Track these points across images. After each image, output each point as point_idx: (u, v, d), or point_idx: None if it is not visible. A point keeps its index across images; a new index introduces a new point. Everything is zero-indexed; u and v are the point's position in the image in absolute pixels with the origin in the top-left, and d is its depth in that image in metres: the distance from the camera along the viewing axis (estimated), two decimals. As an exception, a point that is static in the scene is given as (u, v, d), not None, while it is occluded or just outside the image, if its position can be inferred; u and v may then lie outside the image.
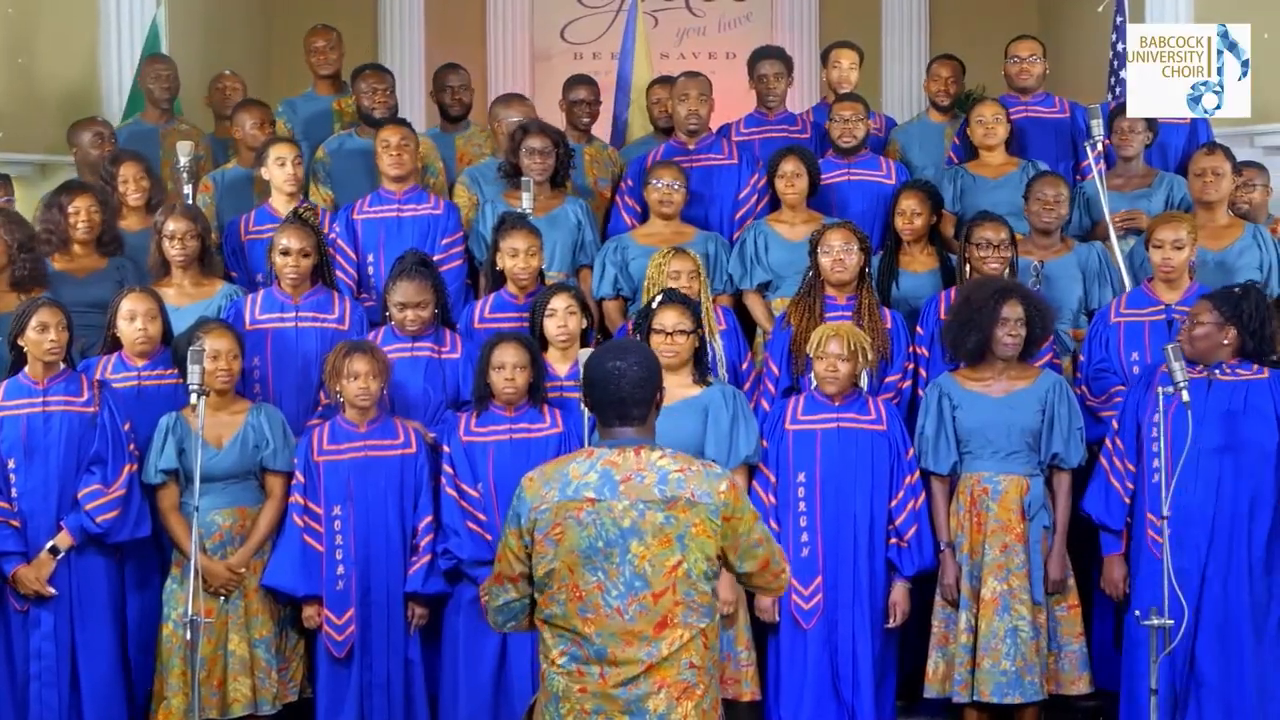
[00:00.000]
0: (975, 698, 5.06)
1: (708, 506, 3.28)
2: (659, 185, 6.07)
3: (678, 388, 5.11)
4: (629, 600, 3.26)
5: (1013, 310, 5.16)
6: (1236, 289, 5.12)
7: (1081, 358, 5.62)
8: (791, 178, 6.09)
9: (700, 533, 3.28)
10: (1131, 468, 5.09)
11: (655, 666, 3.25)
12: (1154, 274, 5.56)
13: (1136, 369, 5.39)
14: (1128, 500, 5.09)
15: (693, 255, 5.65)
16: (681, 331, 5.09)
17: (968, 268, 5.67)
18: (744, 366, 5.71)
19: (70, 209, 5.84)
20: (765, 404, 5.43)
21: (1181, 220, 5.58)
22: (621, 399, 3.36)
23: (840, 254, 5.51)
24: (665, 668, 3.26)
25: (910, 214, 5.98)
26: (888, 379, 5.54)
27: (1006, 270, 5.60)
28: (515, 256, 5.61)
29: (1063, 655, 5.15)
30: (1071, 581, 5.19)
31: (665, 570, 3.26)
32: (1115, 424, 5.16)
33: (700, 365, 5.19)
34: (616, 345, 3.69)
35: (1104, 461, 5.15)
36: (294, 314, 5.56)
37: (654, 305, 5.18)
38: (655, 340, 5.09)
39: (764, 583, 3.47)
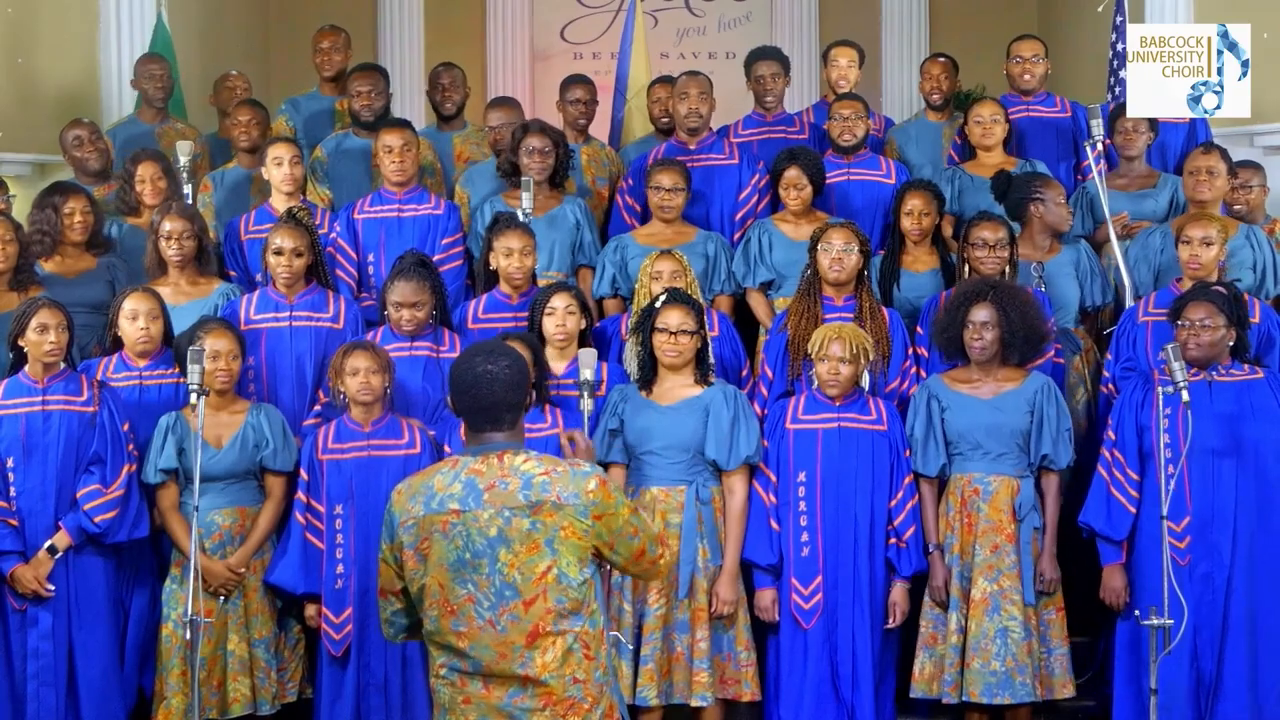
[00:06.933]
0: (965, 698, 5.04)
1: (575, 507, 3.19)
2: (659, 189, 6.05)
3: (680, 387, 5.12)
4: (500, 611, 3.17)
5: (979, 313, 5.13)
6: (1220, 289, 5.11)
7: (1109, 356, 5.59)
8: (792, 187, 6.06)
9: (570, 535, 3.19)
10: (1135, 476, 5.03)
11: (537, 682, 3.18)
12: (1182, 272, 5.52)
13: None
14: (1132, 510, 5.03)
15: (677, 256, 5.63)
16: (685, 331, 5.07)
17: (966, 268, 5.66)
18: (744, 373, 5.68)
19: (65, 210, 5.87)
20: (757, 407, 5.39)
21: (1211, 219, 5.57)
22: (493, 404, 3.25)
23: (840, 253, 5.49)
24: (550, 685, 3.18)
25: (918, 214, 5.96)
26: (889, 386, 5.51)
27: (1006, 270, 5.59)
28: (509, 256, 5.60)
29: (1051, 658, 5.12)
30: (1058, 584, 5.16)
31: (535, 577, 3.18)
32: (1111, 434, 5.12)
33: (702, 365, 5.17)
34: (484, 348, 3.39)
35: (1103, 473, 5.10)
36: (288, 314, 5.55)
37: (657, 305, 5.16)
38: (659, 339, 5.08)
39: (640, 571, 3.39)
